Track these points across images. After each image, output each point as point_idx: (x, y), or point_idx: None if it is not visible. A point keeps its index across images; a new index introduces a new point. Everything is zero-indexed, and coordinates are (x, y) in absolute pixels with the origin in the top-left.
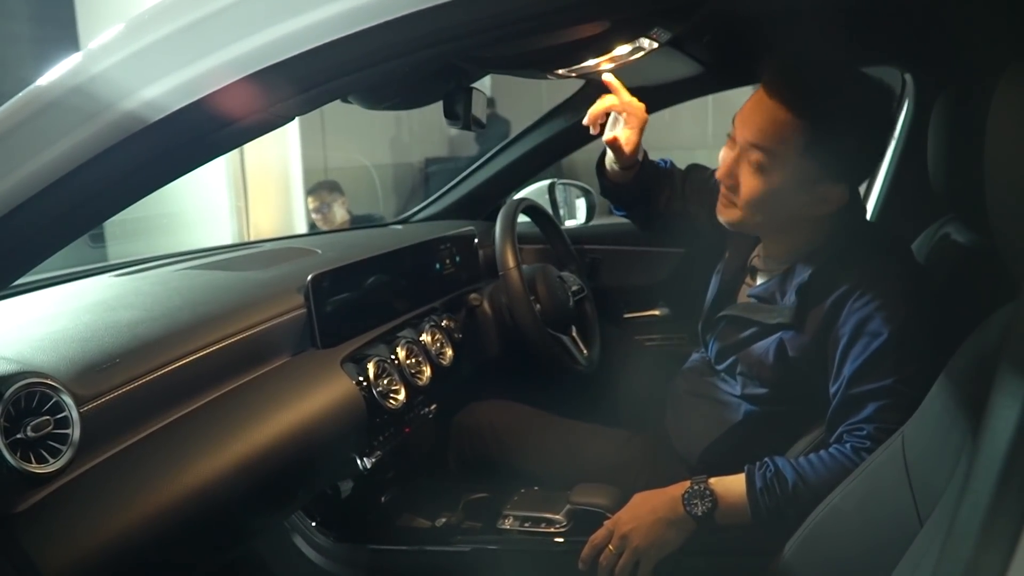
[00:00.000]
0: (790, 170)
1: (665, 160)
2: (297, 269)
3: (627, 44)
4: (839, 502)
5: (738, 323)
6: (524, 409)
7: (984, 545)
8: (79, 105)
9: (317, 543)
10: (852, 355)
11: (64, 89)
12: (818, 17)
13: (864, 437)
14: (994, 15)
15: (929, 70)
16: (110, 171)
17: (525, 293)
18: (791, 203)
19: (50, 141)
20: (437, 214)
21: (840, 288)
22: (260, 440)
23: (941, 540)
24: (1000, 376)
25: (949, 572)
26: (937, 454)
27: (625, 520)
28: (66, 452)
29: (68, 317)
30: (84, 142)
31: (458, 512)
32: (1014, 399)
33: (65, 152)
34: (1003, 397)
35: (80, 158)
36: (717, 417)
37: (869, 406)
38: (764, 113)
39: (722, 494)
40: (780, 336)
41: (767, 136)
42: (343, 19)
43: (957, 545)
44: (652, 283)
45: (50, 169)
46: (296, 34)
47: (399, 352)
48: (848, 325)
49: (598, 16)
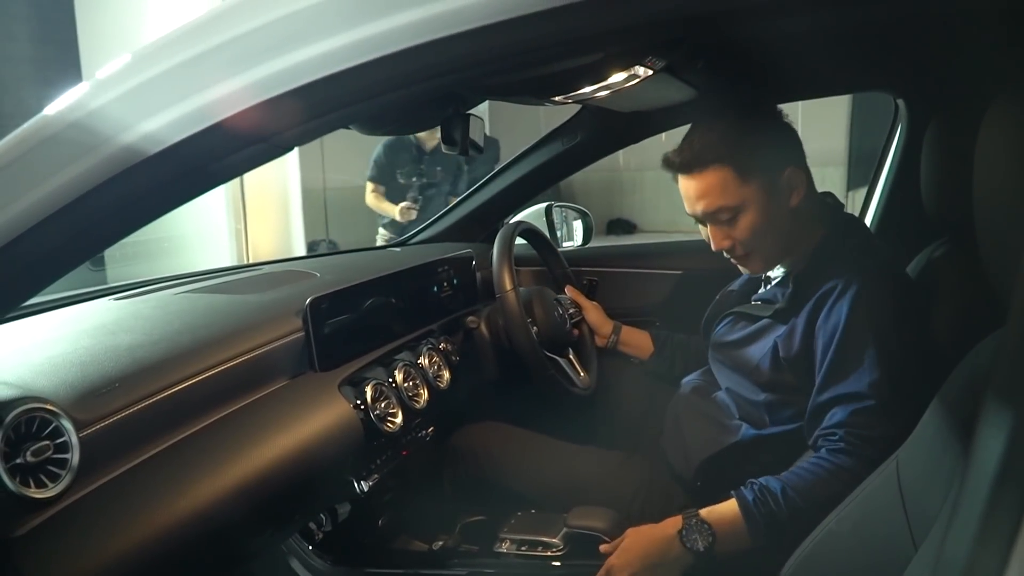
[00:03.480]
0: (752, 196)
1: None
2: (296, 292)
3: (623, 72)
4: (834, 526)
5: (741, 319)
6: (520, 432)
7: (971, 571)
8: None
9: (314, 566)
10: (823, 358)
11: (64, 123)
12: (811, 43)
13: (837, 441)
14: (984, 42)
15: (921, 96)
16: (111, 201)
17: (522, 315)
18: (776, 212)
19: (51, 172)
20: (435, 236)
21: (826, 284)
22: (258, 463)
23: (933, 565)
24: (988, 402)
25: None
26: (931, 478)
27: (619, 566)
28: (65, 477)
29: (68, 341)
30: (85, 173)
31: (455, 535)
32: (1002, 424)
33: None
34: (991, 422)
35: (82, 188)
36: (716, 436)
37: (837, 411)
38: (697, 188)
39: (717, 522)
40: (774, 340)
41: (715, 199)
42: (347, 51)
43: (946, 571)
44: (649, 305)
45: (52, 199)
46: (299, 66)
47: (397, 375)
48: (826, 325)
49: (595, 50)
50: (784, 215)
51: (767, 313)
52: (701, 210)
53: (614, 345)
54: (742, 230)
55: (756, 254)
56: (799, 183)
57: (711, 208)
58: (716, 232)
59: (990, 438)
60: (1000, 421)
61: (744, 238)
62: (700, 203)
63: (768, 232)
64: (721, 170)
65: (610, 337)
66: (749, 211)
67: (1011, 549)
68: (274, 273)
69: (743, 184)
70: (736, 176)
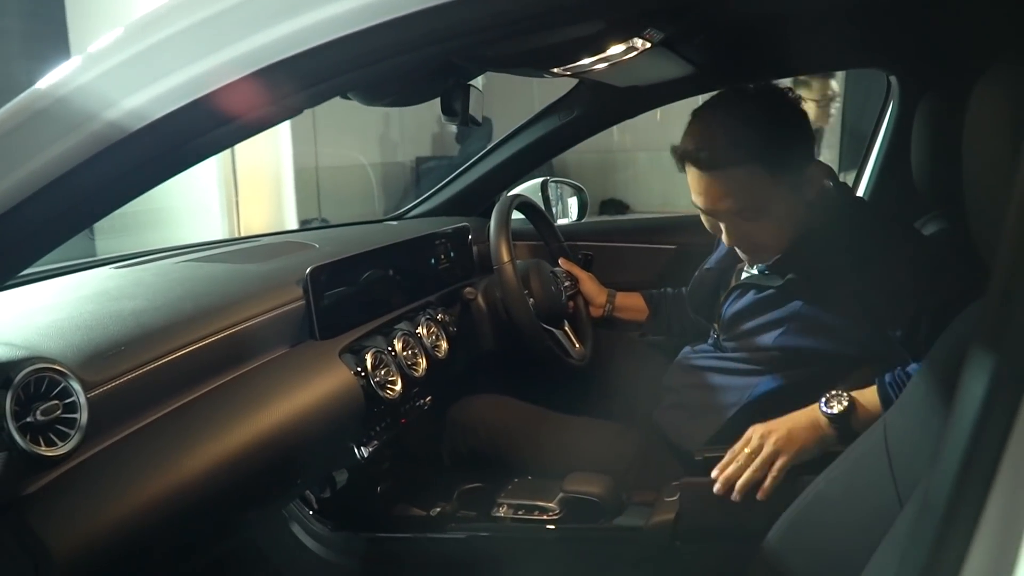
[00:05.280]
0: (776, 193)
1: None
2: (295, 262)
3: (621, 44)
4: (823, 487)
5: (754, 288)
6: (517, 403)
7: (951, 512)
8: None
9: (315, 531)
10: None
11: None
12: (806, 20)
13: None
14: (975, 19)
15: (913, 72)
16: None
17: (519, 287)
18: (798, 208)
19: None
20: (431, 211)
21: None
22: (263, 426)
23: (916, 517)
24: (968, 364)
25: (919, 549)
26: (917, 440)
27: (764, 428)
28: (74, 436)
29: (71, 306)
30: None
31: (453, 502)
32: (979, 386)
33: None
34: (970, 384)
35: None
36: (717, 404)
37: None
38: (722, 186)
39: (856, 396)
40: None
41: (743, 198)
42: (347, 18)
43: (926, 522)
44: (643, 279)
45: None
46: (299, 32)
47: (396, 344)
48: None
49: (598, 15)
50: (803, 209)
51: (777, 283)
52: (724, 208)
53: (610, 312)
54: (763, 228)
55: (769, 248)
56: (818, 177)
57: (736, 208)
58: (733, 230)
59: (970, 394)
60: (979, 380)
61: (763, 235)
62: (724, 202)
63: (787, 227)
64: (751, 168)
65: (605, 306)
66: (774, 209)
67: (988, 493)
68: (273, 244)
69: (772, 182)
70: (766, 173)
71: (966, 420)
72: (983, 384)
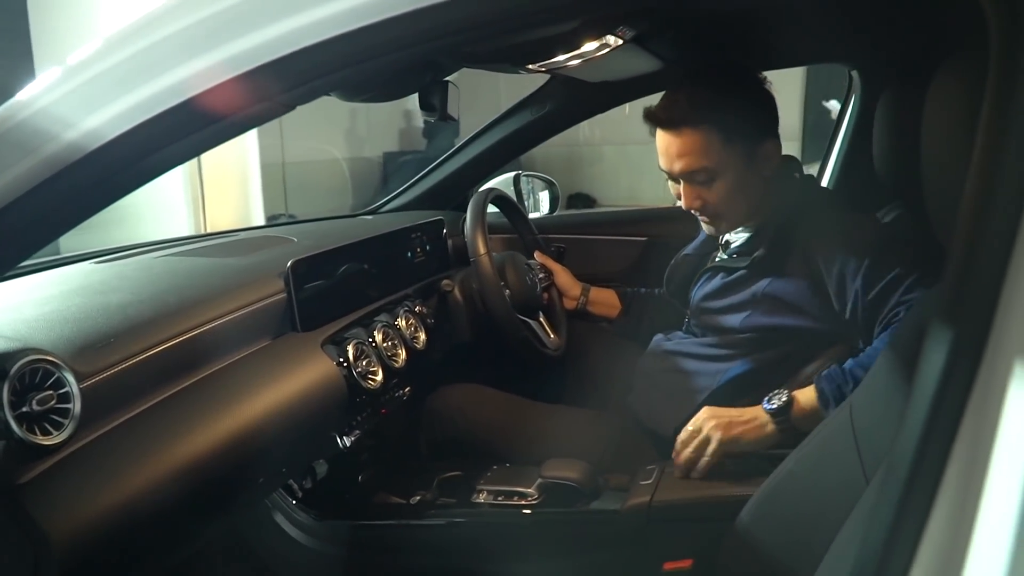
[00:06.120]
0: (732, 161)
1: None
2: (276, 256)
3: (595, 41)
4: (793, 466)
5: (719, 271)
6: (494, 392)
7: (912, 480)
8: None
9: (298, 520)
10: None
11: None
12: (771, 17)
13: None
14: (932, 15)
15: (874, 67)
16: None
17: (496, 279)
18: (751, 180)
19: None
20: (405, 205)
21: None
22: (249, 415)
23: (878, 490)
24: (928, 341)
25: (883, 518)
26: (881, 419)
27: (711, 412)
28: (69, 425)
29: (59, 300)
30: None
31: (433, 489)
32: (938, 360)
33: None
34: (930, 358)
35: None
36: (690, 389)
37: (892, 297)
38: (679, 145)
39: (796, 394)
40: (764, 285)
41: (696, 159)
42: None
43: (889, 493)
44: (615, 270)
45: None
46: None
47: (376, 335)
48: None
49: (578, 15)
50: (757, 183)
51: (744, 264)
52: (679, 168)
53: (583, 306)
54: (716, 193)
55: (724, 217)
56: (775, 154)
57: (689, 167)
58: (689, 191)
59: (927, 374)
60: (938, 354)
61: (716, 200)
62: (679, 161)
63: (740, 197)
64: (707, 131)
65: (579, 299)
66: (726, 175)
67: (946, 462)
68: (253, 238)
69: (725, 148)
70: (720, 139)
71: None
72: (942, 358)
